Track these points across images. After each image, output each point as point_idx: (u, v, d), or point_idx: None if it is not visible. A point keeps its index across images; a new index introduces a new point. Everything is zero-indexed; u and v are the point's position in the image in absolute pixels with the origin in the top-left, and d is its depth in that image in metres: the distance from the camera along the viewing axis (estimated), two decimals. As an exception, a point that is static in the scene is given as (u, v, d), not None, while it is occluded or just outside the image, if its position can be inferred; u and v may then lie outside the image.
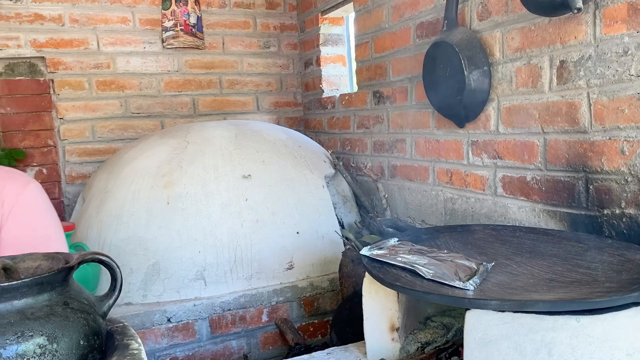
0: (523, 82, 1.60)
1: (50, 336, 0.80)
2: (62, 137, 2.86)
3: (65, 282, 0.88)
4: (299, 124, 3.42)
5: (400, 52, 2.25)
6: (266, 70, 3.32)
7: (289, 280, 2.13)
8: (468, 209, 1.90)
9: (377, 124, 2.48)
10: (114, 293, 0.95)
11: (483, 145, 1.80)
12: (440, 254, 1.28)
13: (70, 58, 2.84)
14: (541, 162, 1.57)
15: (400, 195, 2.32)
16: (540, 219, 1.58)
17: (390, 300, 1.31)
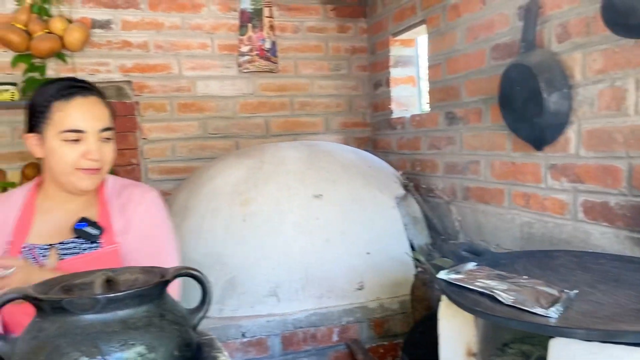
0: (606, 105, 1.56)
1: (148, 345, 0.85)
2: (144, 156, 3.03)
3: (161, 295, 0.94)
4: (366, 144, 3.44)
5: (474, 74, 2.24)
6: (336, 92, 3.39)
7: (359, 300, 2.14)
8: (546, 234, 1.85)
9: (450, 145, 2.46)
10: (204, 306, 1.00)
11: (562, 168, 1.75)
12: (520, 280, 1.25)
13: (154, 82, 3.02)
14: (626, 187, 1.51)
15: (473, 217, 2.29)
16: (625, 245, 1.52)
17: (467, 325, 1.30)
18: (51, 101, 1.29)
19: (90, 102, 1.31)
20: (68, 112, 1.28)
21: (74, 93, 1.30)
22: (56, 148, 1.29)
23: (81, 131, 1.29)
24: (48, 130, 1.30)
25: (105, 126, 1.32)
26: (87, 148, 1.29)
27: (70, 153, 1.29)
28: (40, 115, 1.30)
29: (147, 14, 2.99)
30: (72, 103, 1.29)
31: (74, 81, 1.35)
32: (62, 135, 1.28)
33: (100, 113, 1.33)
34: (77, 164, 1.30)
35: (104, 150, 1.33)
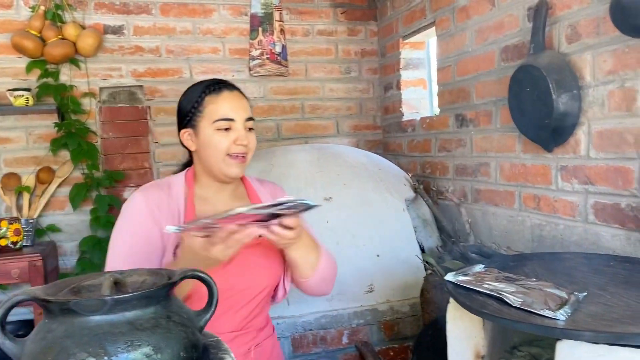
0: (616, 106, 1.54)
1: (155, 347, 0.86)
2: (156, 160, 3.06)
3: (168, 297, 0.95)
4: (377, 146, 3.44)
5: (484, 76, 2.23)
6: (346, 95, 3.39)
7: (369, 303, 2.14)
8: (557, 236, 1.83)
9: (460, 147, 2.45)
10: (211, 308, 1.01)
11: (573, 170, 1.74)
12: (529, 282, 1.25)
13: (165, 86, 3.05)
14: (637, 188, 1.49)
15: (484, 220, 2.28)
16: (636, 247, 1.50)
17: (475, 327, 1.29)
18: (203, 97, 1.42)
19: (235, 95, 1.45)
20: (219, 104, 1.41)
21: (222, 88, 1.44)
22: (210, 136, 1.41)
23: (231, 119, 1.40)
24: (201, 122, 1.42)
25: (249, 116, 1.45)
26: (236, 135, 1.41)
27: (223, 140, 1.40)
28: (194, 110, 1.43)
29: (159, 19, 3.03)
30: (222, 96, 1.43)
31: (218, 80, 1.49)
32: (215, 125, 1.40)
33: (245, 104, 1.46)
34: (229, 150, 1.41)
35: (249, 137, 1.45)
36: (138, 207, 1.44)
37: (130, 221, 1.45)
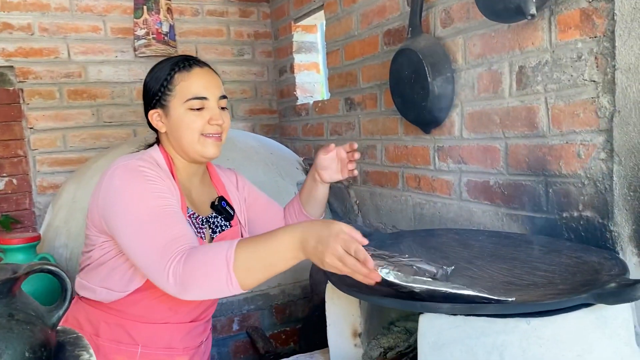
0: (485, 88, 1.62)
1: (-8, 348, 0.78)
2: (32, 147, 2.82)
3: (10, 293, 0.86)
4: (274, 131, 3.42)
5: (369, 60, 2.27)
6: (241, 78, 3.32)
7: (259, 288, 2.13)
8: (435, 214, 1.91)
9: (349, 130, 2.49)
10: (64, 304, 0.93)
11: (448, 150, 1.81)
12: (401, 259, 1.28)
13: (40, 67, 2.81)
14: (503, 166, 1.58)
15: (371, 201, 2.33)
16: (504, 222, 1.60)
17: (352, 306, 1.31)
18: (173, 74, 1.35)
19: (207, 72, 1.39)
20: (191, 81, 1.35)
21: (193, 64, 1.37)
22: (182, 116, 1.34)
23: (204, 98, 1.35)
24: (172, 102, 1.35)
25: (222, 94, 1.40)
26: (210, 114, 1.35)
27: (197, 119, 1.34)
28: (163, 88, 1.35)
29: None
30: (193, 72, 1.36)
31: (187, 56, 1.42)
32: (187, 104, 1.34)
33: (217, 82, 1.40)
34: (203, 130, 1.35)
35: (224, 116, 1.39)
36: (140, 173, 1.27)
37: (138, 189, 1.25)
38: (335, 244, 1.02)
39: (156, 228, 1.20)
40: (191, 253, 1.15)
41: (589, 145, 1.30)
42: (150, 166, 1.31)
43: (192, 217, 1.40)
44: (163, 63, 1.40)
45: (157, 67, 1.41)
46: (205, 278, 1.12)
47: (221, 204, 1.48)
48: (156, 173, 1.30)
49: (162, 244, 1.16)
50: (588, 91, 1.29)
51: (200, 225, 1.42)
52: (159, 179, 1.29)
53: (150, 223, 1.21)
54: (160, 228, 1.20)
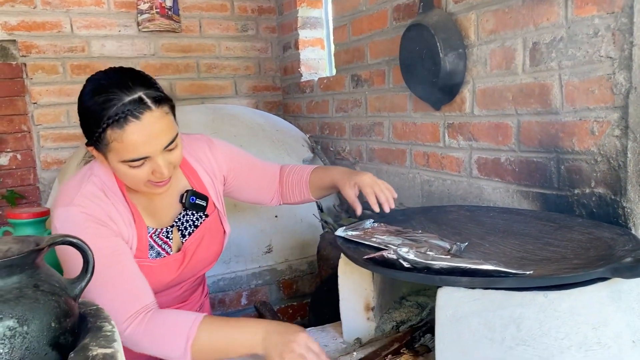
0: (497, 64, 1.62)
1: (20, 318, 0.79)
2: (36, 122, 2.81)
3: (34, 265, 0.87)
4: (277, 108, 3.40)
5: (377, 35, 2.25)
6: (244, 54, 3.30)
7: (267, 263, 2.14)
8: (444, 191, 1.92)
9: (356, 107, 2.48)
10: (86, 275, 0.94)
11: (459, 127, 1.81)
12: (415, 234, 1.29)
13: (43, 41, 2.78)
14: (515, 143, 1.59)
15: (377, 177, 2.33)
16: (514, 199, 1.60)
17: (365, 280, 1.33)
18: (104, 128, 1.11)
19: (147, 123, 1.12)
20: (125, 143, 1.12)
21: (127, 116, 1.10)
22: (122, 171, 1.18)
23: (145, 158, 1.16)
24: (108, 155, 1.17)
25: (169, 140, 1.17)
26: (154, 167, 1.18)
27: (139, 174, 1.18)
28: (96, 138, 1.14)
29: (31, -35, 2.73)
30: (128, 130, 1.11)
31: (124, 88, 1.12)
32: (125, 164, 1.16)
33: (160, 129, 1.15)
34: (148, 178, 1.20)
35: (171, 159, 1.21)
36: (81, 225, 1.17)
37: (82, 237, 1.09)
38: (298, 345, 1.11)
39: (103, 291, 1.13)
40: (154, 320, 1.17)
41: (603, 122, 1.30)
42: (90, 210, 1.19)
43: (154, 235, 1.33)
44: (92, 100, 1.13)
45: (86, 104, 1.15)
46: (161, 345, 1.16)
47: (189, 200, 1.37)
48: (98, 216, 1.19)
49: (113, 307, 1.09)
50: (604, 68, 1.29)
51: (164, 239, 1.35)
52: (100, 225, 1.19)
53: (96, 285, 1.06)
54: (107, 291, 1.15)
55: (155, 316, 1.18)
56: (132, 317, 1.16)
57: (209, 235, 1.44)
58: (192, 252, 1.39)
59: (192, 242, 1.40)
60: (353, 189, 1.47)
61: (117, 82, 1.13)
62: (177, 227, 1.39)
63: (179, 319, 1.18)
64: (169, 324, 1.17)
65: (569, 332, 0.94)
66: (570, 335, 0.93)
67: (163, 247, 1.35)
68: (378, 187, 1.46)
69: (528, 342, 0.94)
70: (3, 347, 0.77)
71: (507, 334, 0.95)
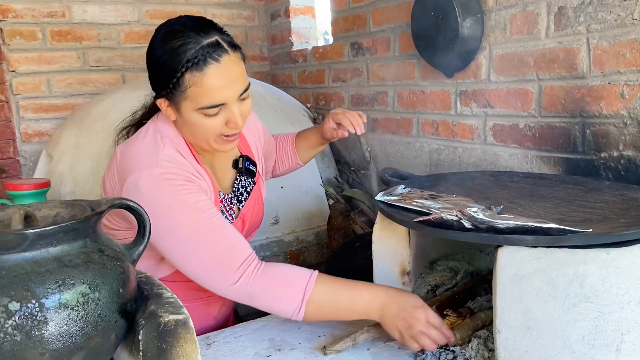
0: (518, 30, 1.61)
1: (91, 284, 0.74)
2: (15, 92, 2.65)
3: (96, 229, 0.82)
4: (265, 79, 3.32)
5: (381, 2, 2.21)
6: (231, 22, 3.19)
7: (274, 234, 2.11)
8: (455, 159, 1.92)
9: (356, 76, 2.44)
10: (143, 240, 0.89)
11: (472, 94, 1.81)
12: (451, 199, 1.28)
13: (20, 5, 2.61)
14: (535, 109, 1.59)
15: (381, 148, 2.32)
16: (534, 164, 1.62)
17: (401, 245, 1.32)
18: (183, 72, 1.08)
19: (225, 66, 1.10)
20: (204, 88, 1.09)
21: (207, 58, 1.08)
22: (196, 120, 1.14)
23: (222, 105, 1.13)
24: (183, 104, 1.13)
25: (244, 87, 1.15)
26: (229, 117, 1.15)
27: (213, 124, 1.15)
28: (172, 85, 1.11)
29: None
30: (207, 74, 1.08)
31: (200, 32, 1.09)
32: (201, 111, 1.13)
33: (237, 74, 1.13)
34: (221, 131, 1.16)
35: (244, 109, 1.18)
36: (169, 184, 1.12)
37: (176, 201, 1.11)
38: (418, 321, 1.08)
39: (208, 244, 1.11)
40: (269, 269, 1.13)
41: (635, 85, 1.32)
42: (176, 170, 1.15)
43: (223, 200, 1.31)
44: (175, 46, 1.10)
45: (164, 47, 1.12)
46: (276, 298, 1.12)
47: (245, 165, 1.36)
48: (185, 174, 1.16)
49: (221, 259, 1.11)
50: (637, 31, 1.30)
51: (229, 205, 1.34)
52: (188, 182, 1.15)
53: (199, 240, 1.11)
54: (213, 243, 1.12)
55: (269, 266, 1.14)
56: (242, 266, 1.11)
57: (257, 201, 1.43)
58: (248, 218, 1.37)
59: (248, 209, 1.38)
60: (330, 123, 1.48)
61: (192, 26, 1.11)
62: (235, 195, 1.37)
63: (294, 271, 1.14)
64: (285, 276, 1.13)
65: (629, 287, 0.95)
66: (630, 290, 0.95)
67: (230, 212, 1.33)
68: (348, 113, 1.45)
69: (591, 298, 0.95)
70: (77, 313, 0.72)
71: (570, 291, 0.95)
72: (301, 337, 1.22)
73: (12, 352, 0.68)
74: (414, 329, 1.07)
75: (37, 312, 0.69)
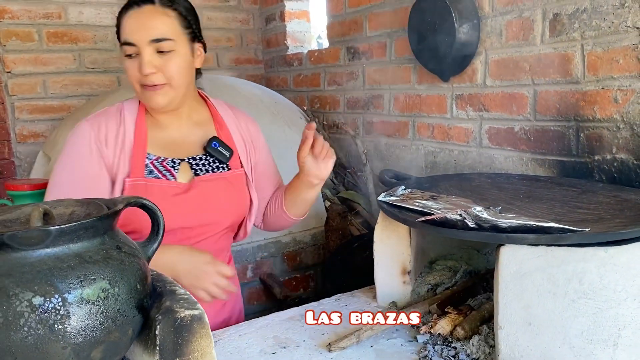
0: (514, 35, 1.65)
1: (111, 280, 0.76)
2: (10, 93, 2.65)
3: (113, 227, 0.84)
4: (260, 82, 3.34)
5: (377, 7, 2.24)
6: (226, 25, 3.21)
7: (272, 235, 2.13)
8: (450, 161, 1.96)
9: (351, 80, 2.48)
10: (157, 237, 0.91)
11: (468, 98, 1.85)
12: (451, 199, 1.32)
13: (16, 6, 2.61)
14: (530, 112, 1.63)
15: (376, 151, 2.35)
16: (528, 167, 1.66)
17: (402, 245, 1.35)
18: (121, 14, 1.29)
19: (143, 12, 1.25)
20: (123, 26, 1.27)
21: (132, 4, 1.27)
22: (124, 63, 1.29)
23: (131, 44, 1.25)
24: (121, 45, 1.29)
25: (157, 37, 1.24)
26: (140, 61, 1.24)
27: (131, 67, 1.27)
28: (117, 28, 1.30)
29: None
30: (128, 14, 1.27)
31: None
32: (122, 50, 1.27)
33: (154, 23, 1.25)
34: (140, 80, 1.26)
35: (164, 63, 1.26)
36: (82, 140, 1.29)
37: (72, 155, 1.30)
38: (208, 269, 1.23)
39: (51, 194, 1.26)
40: None
41: (628, 90, 1.36)
42: (99, 126, 1.30)
43: (155, 162, 1.34)
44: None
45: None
46: None
47: (211, 144, 1.39)
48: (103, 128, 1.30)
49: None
50: (630, 37, 1.34)
51: (167, 167, 1.35)
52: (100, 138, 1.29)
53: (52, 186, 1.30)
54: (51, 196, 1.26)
55: None
56: None
57: (229, 188, 1.40)
58: (202, 190, 1.34)
59: (204, 181, 1.36)
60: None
61: None
62: (189, 164, 1.38)
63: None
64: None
65: (626, 284, 0.98)
66: (627, 287, 0.98)
67: (164, 173, 1.34)
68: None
69: (589, 295, 0.98)
70: (97, 308, 0.74)
71: (570, 288, 0.99)
72: (305, 334, 1.24)
73: (36, 345, 0.69)
74: (203, 281, 1.20)
75: (60, 306, 0.70)
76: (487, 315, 1.19)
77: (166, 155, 1.36)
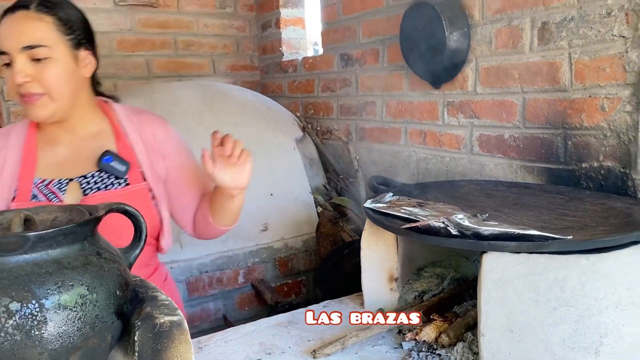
0: (503, 43, 1.66)
1: (89, 286, 0.76)
2: (6, 98, 2.66)
3: (94, 233, 0.84)
4: (255, 88, 3.35)
5: (371, 14, 2.26)
6: (222, 32, 3.23)
7: (264, 241, 2.13)
8: (442, 168, 1.96)
9: (345, 86, 2.49)
10: (139, 243, 0.92)
11: (459, 105, 1.85)
12: (439, 206, 1.32)
13: (12, 12, 2.62)
14: (519, 120, 1.64)
15: (369, 157, 2.36)
16: (518, 174, 1.66)
17: (389, 252, 1.35)
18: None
19: (15, 19, 1.19)
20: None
21: (7, 11, 1.21)
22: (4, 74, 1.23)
23: (3, 52, 1.19)
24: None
25: (29, 43, 1.17)
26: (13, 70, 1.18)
27: (9, 77, 1.21)
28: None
29: None
30: (2, 22, 1.20)
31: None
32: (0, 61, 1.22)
33: (25, 29, 1.18)
34: (17, 90, 1.21)
35: (39, 71, 1.19)
36: None
37: None
38: None
39: None
40: None
41: (614, 98, 1.37)
42: None
43: (40, 185, 1.28)
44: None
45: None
46: None
47: (102, 160, 1.29)
48: None
49: None
50: (616, 46, 1.35)
51: (53, 190, 1.28)
52: None
53: None
54: None
55: None
56: None
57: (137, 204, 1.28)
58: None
59: (93, 201, 1.25)
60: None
61: None
62: (79, 184, 1.29)
63: None
64: None
65: (607, 292, 0.99)
66: (608, 295, 0.99)
67: (49, 197, 1.27)
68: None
69: (570, 302, 0.98)
70: (75, 314, 0.74)
71: (552, 295, 0.99)
72: (291, 341, 1.24)
73: (12, 351, 0.70)
74: None
75: (37, 312, 0.71)
76: (472, 322, 1.19)
77: (54, 177, 1.29)
